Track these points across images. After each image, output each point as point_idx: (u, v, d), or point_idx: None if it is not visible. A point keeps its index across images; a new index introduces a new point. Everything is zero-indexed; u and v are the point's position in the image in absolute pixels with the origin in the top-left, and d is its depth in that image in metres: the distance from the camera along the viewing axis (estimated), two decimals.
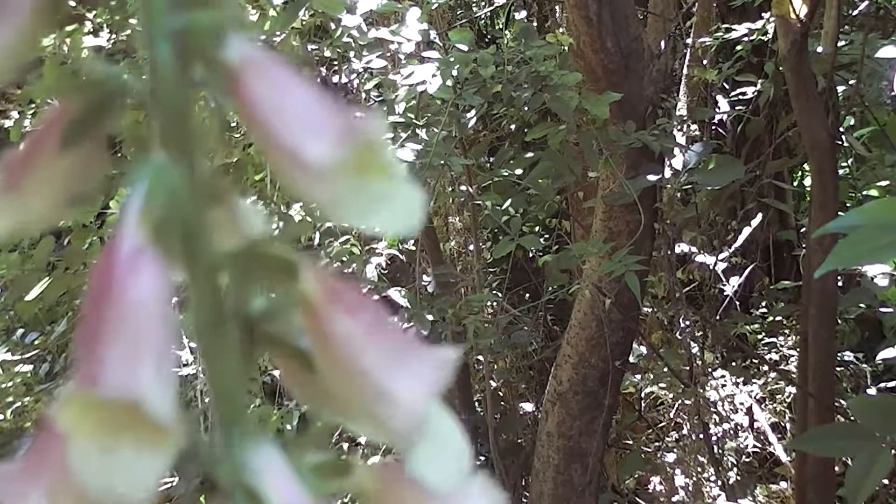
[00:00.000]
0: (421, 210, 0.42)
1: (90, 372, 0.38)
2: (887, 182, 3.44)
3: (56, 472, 0.42)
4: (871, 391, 3.42)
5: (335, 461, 0.45)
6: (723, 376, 3.52)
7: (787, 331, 3.69)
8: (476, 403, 3.38)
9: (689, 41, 3.74)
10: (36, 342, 3.62)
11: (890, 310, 3.13)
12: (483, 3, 4.68)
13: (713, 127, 3.84)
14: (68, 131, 0.47)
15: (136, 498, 0.38)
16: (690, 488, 3.24)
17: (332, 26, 2.87)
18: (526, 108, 2.66)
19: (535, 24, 4.29)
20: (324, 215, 0.43)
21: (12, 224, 0.48)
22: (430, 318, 2.91)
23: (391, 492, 0.46)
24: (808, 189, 3.60)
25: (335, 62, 3.27)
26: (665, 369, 3.33)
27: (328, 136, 0.41)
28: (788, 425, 3.59)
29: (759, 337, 3.72)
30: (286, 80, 0.42)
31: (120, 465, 0.38)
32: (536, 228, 3.78)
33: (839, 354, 3.34)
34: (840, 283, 3.01)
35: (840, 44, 2.92)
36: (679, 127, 3.35)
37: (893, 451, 1.75)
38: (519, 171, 3.11)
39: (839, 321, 3.32)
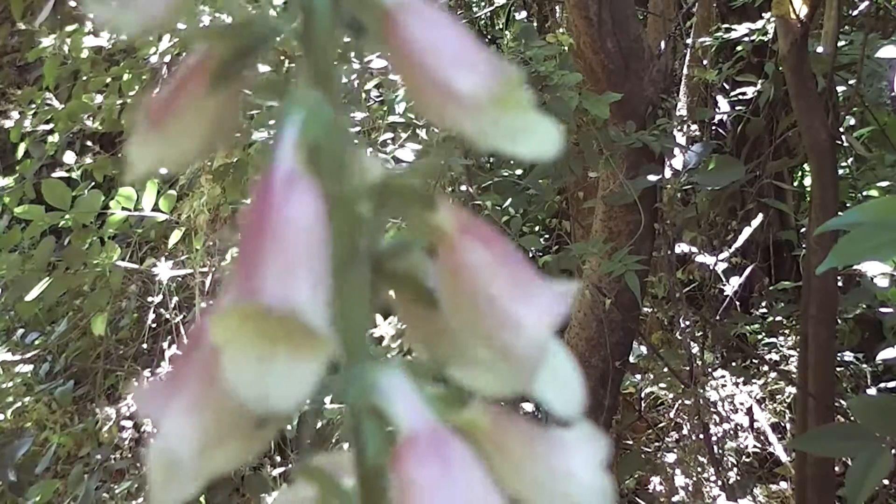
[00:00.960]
0: (558, 140, 0.45)
1: (249, 286, 0.40)
2: (887, 182, 3.44)
3: (199, 386, 0.44)
4: (871, 391, 3.42)
5: (454, 392, 0.46)
6: (723, 376, 3.52)
7: (787, 331, 3.69)
8: None
9: (689, 41, 3.74)
10: (36, 342, 3.62)
11: (890, 310, 3.12)
12: (483, 3, 4.67)
13: (713, 127, 3.84)
14: (217, 73, 0.49)
15: (287, 407, 0.39)
16: (690, 488, 3.24)
17: None
18: None
19: (535, 24, 4.29)
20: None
21: (155, 162, 0.50)
22: None
23: (501, 431, 0.48)
24: (808, 189, 3.60)
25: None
26: (665, 369, 3.33)
27: (479, 72, 0.44)
28: (788, 425, 3.58)
29: (759, 337, 3.72)
30: (438, 20, 0.45)
31: (274, 374, 0.40)
32: (536, 228, 3.78)
33: (839, 354, 3.33)
34: (840, 284, 3.01)
35: (840, 44, 2.92)
36: (679, 127, 3.35)
37: (893, 451, 1.75)
38: (519, 172, 3.10)
39: (839, 321, 3.32)
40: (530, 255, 2.99)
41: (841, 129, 3.10)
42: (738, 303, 3.73)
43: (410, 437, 0.42)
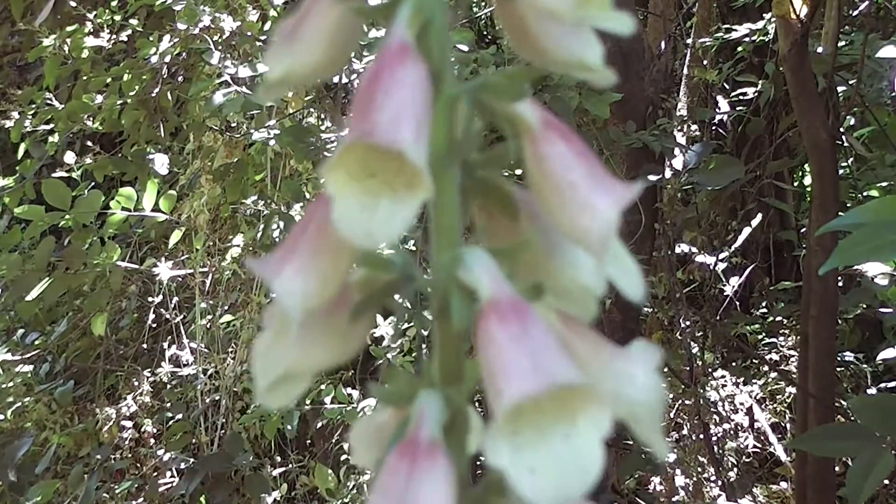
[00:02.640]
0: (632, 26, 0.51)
1: (362, 128, 0.47)
2: (887, 182, 3.44)
3: (314, 242, 0.52)
4: (872, 391, 3.42)
5: (531, 287, 0.51)
6: (723, 376, 3.52)
7: (787, 331, 3.69)
8: (477, 403, 3.37)
9: (689, 41, 3.74)
10: (36, 342, 3.61)
11: (890, 310, 3.12)
12: (483, 3, 4.67)
13: (713, 127, 3.84)
14: None
15: (388, 239, 0.47)
16: (690, 488, 3.24)
17: None
18: None
19: None
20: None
21: (287, 71, 0.55)
22: (430, 317, 2.90)
23: (571, 331, 0.55)
24: (809, 189, 3.60)
25: None
26: (665, 369, 3.33)
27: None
28: (788, 425, 3.58)
29: (759, 337, 3.72)
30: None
31: (377, 217, 0.47)
32: None
33: (839, 354, 3.33)
34: (840, 284, 3.01)
35: (840, 44, 2.92)
36: (679, 127, 3.35)
37: (894, 452, 1.75)
38: (519, 172, 3.10)
39: (840, 321, 3.32)
40: None
41: (841, 129, 3.10)
42: (738, 303, 3.73)
43: (493, 301, 0.48)
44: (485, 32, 4.76)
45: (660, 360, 0.56)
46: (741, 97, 3.46)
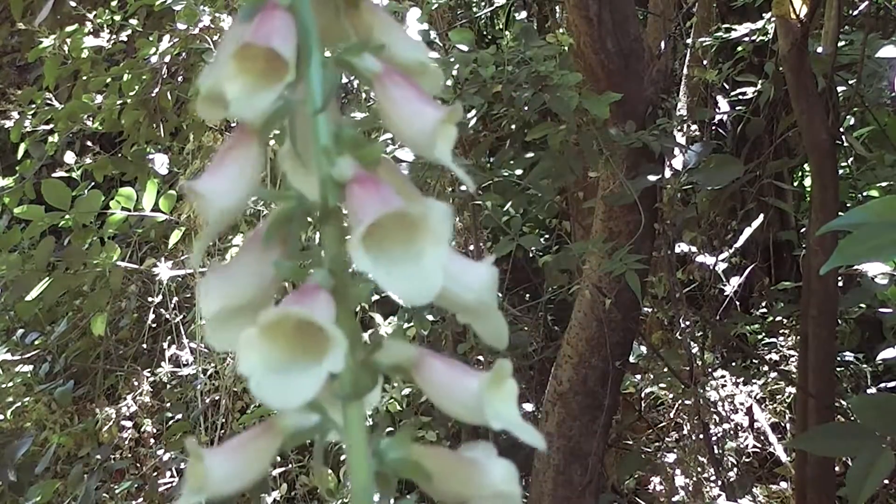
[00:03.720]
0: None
1: (247, 36, 0.65)
2: (887, 182, 3.44)
3: (225, 155, 0.69)
4: (872, 391, 3.42)
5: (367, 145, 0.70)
6: (723, 376, 3.52)
7: (787, 331, 3.69)
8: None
9: (689, 41, 3.74)
10: (36, 342, 3.61)
11: (890, 310, 3.12)
12: (483, 3, 4.67)
13: (713, 127, 3.84)
14: None
15: (258, 112, 0.66)
16: (690, 488, 3.24)
17: None
18: (526, 108, 2.66)
19: (535, 24, 4.29)
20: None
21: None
22: (430, 318, 2.91)
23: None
24: (809, 189, 3.60)
25: None
26: (665, 369, 3.33)
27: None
28: (788, 425, 3.59)
29: (759, 337, 3.72)
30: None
31: (259, 93, 0.65)
32: (536, 229, 3.78)
33: (839, 354, 3.33)
34: (840, 284, 3.01)
35: (840, 44, 2.92)
36: (679, 127, 3.35)
37: (894, 452, 1.75)
38: (519, 171, 3.10)
39: (840, 321, 3.32)
40: (531, 254, 3.00)
41: (841, 129, 3.10)
42: (738, 303, 3.73)
43: (355, 177, 0.66)
44: (485, 32, 4.76)
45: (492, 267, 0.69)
46: (741, 97, 3.46)
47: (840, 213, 2.49)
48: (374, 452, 0.67)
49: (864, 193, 3.63)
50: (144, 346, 3.56)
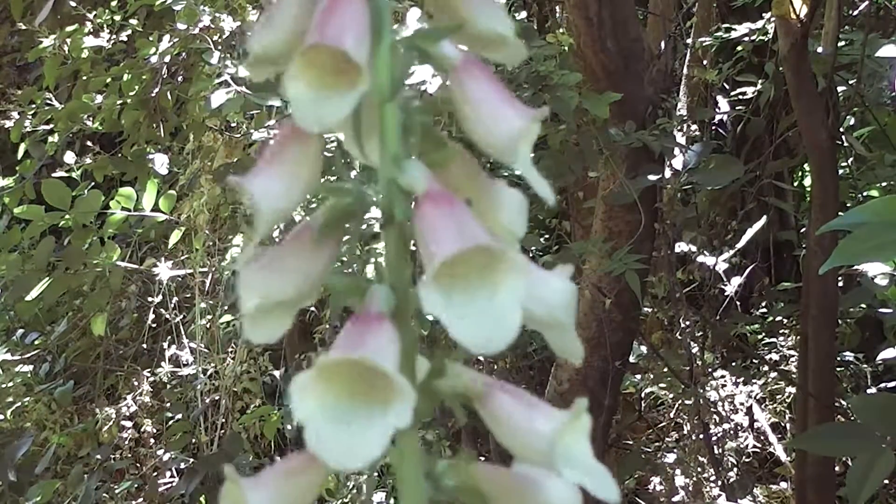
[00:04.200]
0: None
1: (316, 34, 0.59)
2: (887, 182, 3.43)
3: (280, 155, 0.63)
4: (872, 391, 3.42)
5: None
6: (723, 376, 3.52)
7: (787, 331, 3.69)
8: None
9: (689, 41, 3.73)
10: (36, 342, 3.61)
11: (890, 310, 3.12)
12: None
13: (713, 127, 3.84)
14: None
15: (334, 120, 0.59)
16: (690, 488, 3.24)
17: None
18: None
19: (535, 24, 4.28)
20: None
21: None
22: (430, 318, 2.90)
23: None
24: (809, 189, 3.60)
25: None
26: (665, 369, 3.33)
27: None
28: (788, 425, 3.58)
29: (759, 337, 3.71)
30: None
31: (327, 102, 0.58)
32: (536, 229, 3.78)
33: (839, 354, 3.33)
34: (840, 284, 3.00)
35: (840, 44, 2.92)
36: (679, 127, 3.35)
37: (894, 451, 1.75)
38: (519, 171, 3.10)
39: (841, 322, 3.32)
40: (530, 254, 3.00)
41: (841, 129, 3.10)
42: (738, 303, 3.73)
43: (427, 192, 0.59)
44: None
45: (571, 272, 0.66)
46: (741, 97, 3.46)
47: (840, 213, 2.49)
48: (428, 476, 0.63)
49: (864, 193, 3.63)
50: (144, 346, 3.56)
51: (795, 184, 4.10)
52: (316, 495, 0.63)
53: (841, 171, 3.24)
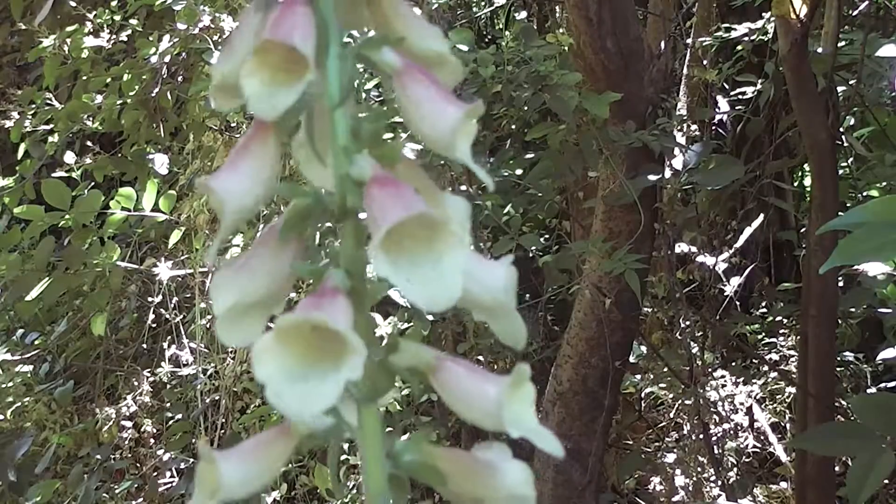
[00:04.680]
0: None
1: (267, 32, 0.64)
2: (887, 182, 3.43)
3: (243, 153, 0.67)
4: (872, 391, 3.41)
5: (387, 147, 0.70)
6: (723, 376, 3.52)
7: (787, 331, 3.69)
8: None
9: (689, 41, 3.73)
10: (36, 342, 3.61)
11: (890, 310, 3.12)
12: (483, 3, 4.67)
13: (713, 127, 3.84)
14: None
15: (278, 112, 0.63)
16: (690, 488, 3.24)
17: None
18: (526, 108, 2.66)
19: (535, 24, 4.29)
20: None
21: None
22: (430, 318, 2.91)
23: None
24: (809, 189, 3.60)
25: None
26: (665, 369, 3.33)
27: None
28: (788, 425, 3.58)
29: (759, 337, 3.71)
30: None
31: (276, 92, 0.63)
32: (536, 229, 3.78)
33: (839, 354, 3.33)
34: (840, 284, 3.00)
35: (840, 44, 2.92)
36: (679, 127, 3.35)
37: (894, 451, 1.75)
38: (519, 172, 3.10)
39: (841, 323, 3.32)
40: (530, 254, 3.00)
41: (841, 129, 3.10)
42: (738, 303, 3.73)
43: (375, 177, 0.65)
44: (485, 32, 4.76)
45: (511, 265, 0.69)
46: (741, 97, 3.46)
47: (840, 213, 2.49)
48: (388, 454, 0.67)
49: (864, 193, 3.63)
50: (144, 346, 3.56)
51: (795, 184, 4.10)
52: (283, 464, 0.68)
53: (841, 171, 3.24)
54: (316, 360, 0.61)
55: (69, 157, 3.29)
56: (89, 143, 3.56)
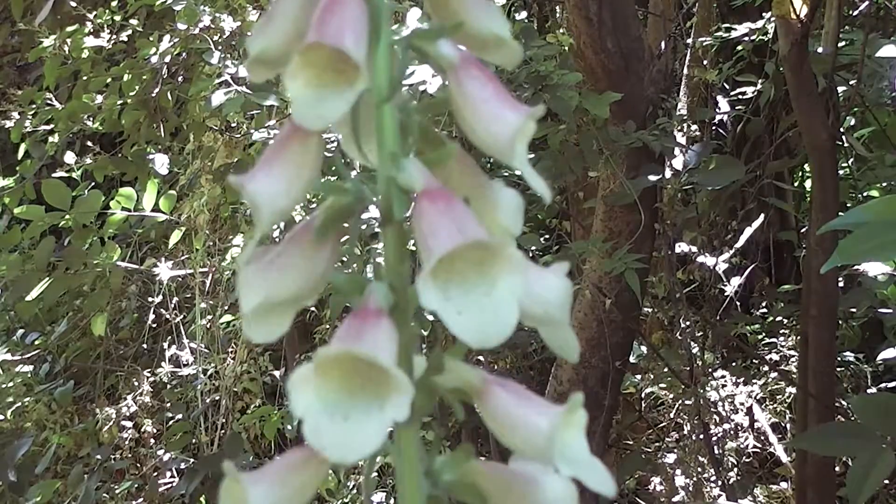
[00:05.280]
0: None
1: (316, 33, 0.59)
2: (887, 182, 3.43)
3: (280, 155, 0.63)
4: (872, 391, 3.41)
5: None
6: (723, 376, 3.52)
7: (787, 331, 3.69)
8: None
9: (689, 41, 3.73)
10: (36, 342, 3.61)
11: (890, 310, 3.12)
12: None
13: (713, 127, 3.84)
14: None
15: (333, 118, 0.59)
16: (691, 488, 3.24)
17: None
18: None
19: (535, 24, 4.28)
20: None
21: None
22: (430, 318, 2.90)
23: None
24: (809, 189, 3.60)
25: None
26: (665, 369, 3.33)
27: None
28: (788, 425, 3.58)
29: (760, 337, 3.71)
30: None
31: (328, 98, 0.59)
32: (536, 229, 3.78)
33: (839, 354, 3.33)
34: (840, 284, 3.00)
35: (840, 44, 2.91)
36: (679, 127, 3.35)
37: (894, 452, 1.75)
38: (519, 171, 3.09)
39: (842, 323, 3.32)
40: (530, 254, 3.00)
41: (841, 129, 3.10)
42: (738, 303, 3.73)
43: (425, 190, 0.60)
44: None
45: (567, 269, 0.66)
46: (741, 97, 3.46)
47: (840, 213, 2.49)
48: (427, 473, 0.63)
49: (864, 193, 3.63)
50: (144, 346, 3.56)
51: (795, 184, 4.09)
52: (315, 490, 0.63)
53: (841, 171, 3.24)
54: (357, 390, 0.57)
55: (69, 157, 3.29)
56: (89, 143, 3.56)
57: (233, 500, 0.61)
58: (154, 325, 3.48)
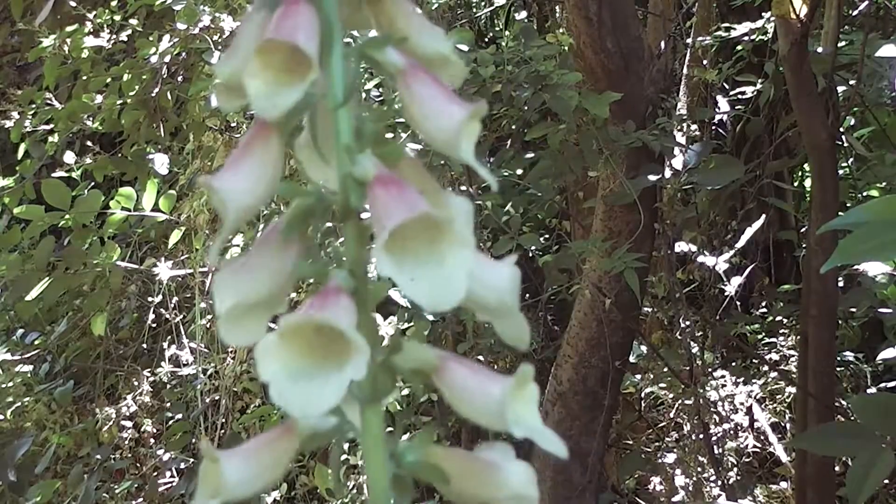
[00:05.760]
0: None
1: (270, 32, 0.64)
2: (887, 182, 3.43)
3: (246, 152, 0.66)
4: (872, 391, 3.41)
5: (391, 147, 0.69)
6: (723, 376, 3.52)
7: (787, 331, 3.69)
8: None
9: (689, 41, 3.73)
10: (36, 342, 3.61)
11: (890, 310, 3.12)
12: (483, 3, 4.67)
13: (713, 127, 3.84)
14: None
15: (284, 109, 0.63)
16: (690, 488, 3.24)
17: None
18: (526, 108, 2.66)
19: (535, 24, 4.28)
20: None
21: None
22: (430, 318, 2.91)
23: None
24: (809, 189, 3.60)
25: None
26: (665, 369, 3.33)
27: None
28: (788, 425, 3.58)
29: (759, 337, 3.71)
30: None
31: (280, 92, 0.63)
32: (536, 229, 3.78)
33: (839, 354, 3.33)
34: (840, 284, 3.00)
35: (840, 44, 2.91)
36: (679, 127, 3.35)
37: (894, 451, 1.75)
38: (519, 171, 3.10)
39: (842, 323, 3.32)
40: (530, 254, 3.00)
41: (841, 129, 3.10)
42: (738, 303, 3.73)
43: (378, 177, 0.65)
44: (485, 32, 4.76)
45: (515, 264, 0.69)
46: (741, 97, 3.46)
47: (840, 213, 2.49)
48: (391, 455, 0.67)
49: (864, 193, 3.63)
50: (144, 346, 3.56)
51: (795, 184, 4.10)
52: (287, 463, 0.68)
53: (841, 171, 3.24)
54: (320, 360, 0.61)
55: (69, 157, 3.29)
56: (89, 143, 3.56)
57: (210, 479, 0.65)
58: (154, 325, 3.48)
